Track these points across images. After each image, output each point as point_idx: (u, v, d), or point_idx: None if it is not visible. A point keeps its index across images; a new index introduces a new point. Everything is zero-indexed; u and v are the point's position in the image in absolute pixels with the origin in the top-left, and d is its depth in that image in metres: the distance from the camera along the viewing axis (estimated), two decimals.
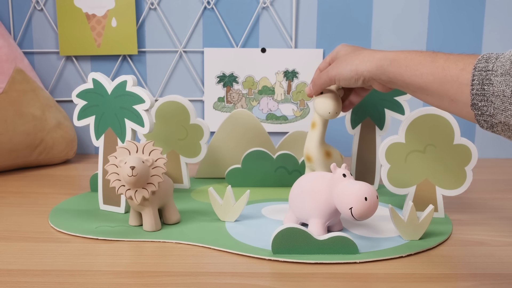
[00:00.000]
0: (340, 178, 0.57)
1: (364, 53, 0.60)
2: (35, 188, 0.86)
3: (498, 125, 0.47)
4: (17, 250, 0.57)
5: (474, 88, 0.47)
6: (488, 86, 0.46)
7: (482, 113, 0.47)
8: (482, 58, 0.47)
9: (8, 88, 0.97)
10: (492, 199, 0.79)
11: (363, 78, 0.59)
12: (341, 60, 0.62)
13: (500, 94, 0.45)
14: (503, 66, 0.45)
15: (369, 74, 0.58)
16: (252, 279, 0.50)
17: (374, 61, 0.57)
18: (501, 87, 0.45)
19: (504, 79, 0.45)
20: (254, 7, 1.10)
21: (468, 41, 1.10)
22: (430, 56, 0.52)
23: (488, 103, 0.46)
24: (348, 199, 0.54)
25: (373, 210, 0.54)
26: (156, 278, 0.50)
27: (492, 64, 0.46)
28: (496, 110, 0.46)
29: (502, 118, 0.45)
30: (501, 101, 0.45)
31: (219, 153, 0.90)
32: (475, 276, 0.51)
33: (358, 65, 0.59)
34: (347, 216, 0.55)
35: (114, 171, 0.61)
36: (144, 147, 0.61)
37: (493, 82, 0.45)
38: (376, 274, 0.52)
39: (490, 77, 0.46)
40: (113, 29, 1.10)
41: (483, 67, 0.47)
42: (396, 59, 0.55)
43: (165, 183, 0.64)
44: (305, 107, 1.13)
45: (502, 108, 0.45)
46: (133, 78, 0.68)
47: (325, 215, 0.59)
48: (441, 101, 0.52)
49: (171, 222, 0.66)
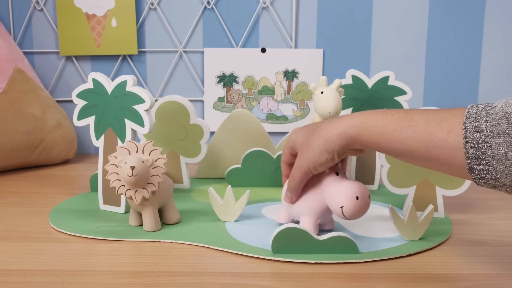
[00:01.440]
0: (332, 176, 0.57)
1: (324, 129, 0.54)
2: (35, 188, 0.86)
3: (502, 187, 0.44)
4: (17, 250, 0.57)
5: (469, 152, 0.43)
6: (486, 149, 0.43)
7: (483, 176, 0.44)
8: (470, 115, 0.44)
9: (8, 88, 0.97)
10: (492, 199, 0.79)
11: (337, 154, 0.53)
12: (304, 148, 0.56)
13: (502, 157, 0.42)
14: (498, 125, 0.42)
15: (341, 148, 0.53)
16: (252, 279, 0.50)
17: (341, 134, 0.52)
18: (502, 150, 0.42)
19: (503, 141, 0.42)
20: (254, 7, 1.10)
21: (468, 41, 1.10)
22: (405, 119, 0.48)
23: (488, 167, 0.43)
24: (339, 198, 0.54)
25: (365, 210, 0.54)
26: (156, 278, 0.50)
27: (484, 122, 0.43)
28: (499, 174, 0.43)
29: (507, 181, 0.42)
30: (504, 165, 0.42)
31: (219, 153, 0.90)
32: (475, 276, 0.51)
33: (325, 144, 0.53)
34: (338, 215, 0.54)
35: (114, 171, 0.61)
36: (144, 147, 0.61)
37: (491, 145, 0.42)
38: (376, 274, 0.52)
39: (486, 139, 0.42)
40: (113, 29, 1.10)
41: (475, 128, 0.43)
42: (366, 127, 0.50)
43: (165, 183, 0.64)
44: (305, 107, 1.13)
45: (506, 172, 0.42)
46: (133, 78, 0.68)
47: (317, 213, 0.58)
48: (430, 164, 0.48)
49: (171, 222, 0.66)
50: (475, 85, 1.12)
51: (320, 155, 0.54)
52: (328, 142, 0.53)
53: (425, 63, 1.11)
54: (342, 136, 0.52)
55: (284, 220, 0.64)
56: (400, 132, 0.48)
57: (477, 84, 1.12)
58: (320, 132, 0.54)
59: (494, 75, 1.11)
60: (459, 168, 0.45)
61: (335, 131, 0.52)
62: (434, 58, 1.11)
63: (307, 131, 0.57)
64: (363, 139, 0.51)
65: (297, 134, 0.59)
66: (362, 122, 0.51)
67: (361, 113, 0.52)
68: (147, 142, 0.61)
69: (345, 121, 0.52)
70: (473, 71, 1.12)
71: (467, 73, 1.12)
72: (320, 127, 0.55)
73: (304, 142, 0.56)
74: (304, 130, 0.58)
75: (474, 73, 1.12)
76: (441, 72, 1.12)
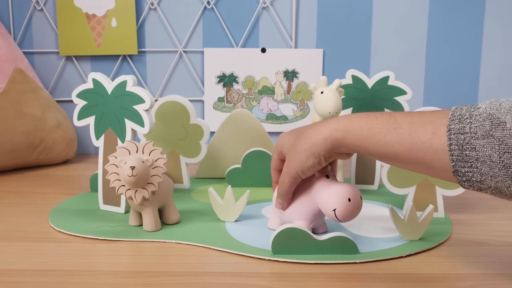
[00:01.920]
0: (323, 179, 0.57)
1: (309, 134, 0.53)
2: (35, 188, 0.86)
3: (487, 189, 0.43)
4: (17, 250, 0.57)
5: (454, 154, 0.43)
6: (470, 151, 0.42)
7: (468, 179, 0.43)
8: (454, 117, 0.44)
9: (8, 88, 0.97)
10: (492, 199, 0.79)
11: (324, 158, 0.53)
12: (291, 153, 0.55)
13: (487, 159, 0.41)
14: (482, 126, 0.41)
15: (327, 152, 0.52)
16: (252, 279, 0.50)
17: (326, 138, 0.51)
18: (487, 152, 0.41)
19: (487, 142, 0.41)
20: (254, 7, 1.10)
21: (468, 41, 1.10)
22: (389, 122, 0.48)
23: (473, 169, 0.43)
24: (332, 201, 0.53)
25: (357, 211, 0.54)
26: (156, 278, 0.50)
27: (468, 124, 0.42)
28: (484, 176, 0.42)
29: (492, 183, 0.42)
30: (488, 167, 0.41)
31: (219, 153, 0.90)
32: (475, 276, 0.51)
33: (311, 148, 0.52)
34: (331, 218, 0.54)
35: (114, 171, 0.61)
36: (144, 147, 0.61)
37: (475, 147, 0.42)
38: (376, 274, 0.52)
39: (470, 141, 0.42)
40: (113, 29, 1.10)
41: (459, 130, 0.43)
42: (351, 130, 0.50)
43: (165, 183, 0.64)
44: (305, 107, 1.13)
45: (490, 174, 0.42)
46: (133, 78, 0.68)
47: (309, 218, 0.58)
48: (415, 167, 0.48)
49: (171, 222, 0.66)
50: (475, 85, 1.12)
51: (307, 160, 0.53)
52: (314, 146, 0.52)
53: (425, 63, 1.11)
54: (328, 140, 0.51)
55: (276, 226, 0.63)
56: (385, 135, 0.48)
57: (477, 84, 1.12)
58: (306, 136, 0.53)
59: (494, 75, 1.11)
60: (444, 171, 0.45)
61: (320, 135, 0.52)
62: (434, 58, 1.11)
63: (294, 135, 0.57)
64: (348, 143, 0.50)
65: (284, 138, 0.58)
66: (347, 125, 0.50)
67: (346, 116, 0.52)
68: (147, 142, 0.61)
69: (330, 125, 0.52)
70: (473, 71, 1.12)
71: (467, 73, 1.12)
72: (306, 131, 0.54)
73: (291, 147, 0.56)
74: (291, 134, 0.58)
75: (474, 73, 1.12)
76: (441, 72, 1.12)
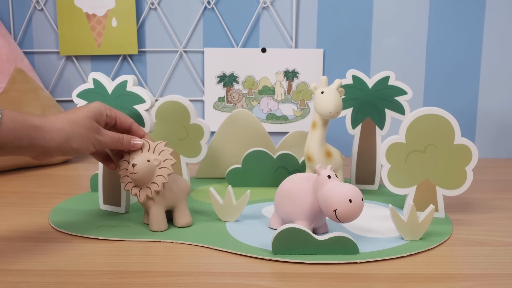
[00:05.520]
0: (325, 179, 0.56)
1: None
2: (35, 188, 0.86)
3: None
4: (17, 250, 0.57)
5: None
6: None
7: None
8: None
9: (8, 88, 0.97)
10: (492, 199, 0.79)
11: None
12: None
13: None
14: None
15: None
16: (252, 279, 0.50)
17: None
18: None
19: None
20: (254, 7, 1.10)
21: (468, 41, 1.10)
22: None
23: None
24: (333, 201, 0.54)
25: (358, 212, 0.54)
26: (156, 278, 0.50)
27: None
28: None
29: None
30: None
31: (219, 153, 0.90)
32: (475, 276, 0.51)
33: None
34: (331, 218, 0.54)
35: (125, 167, 0.62)
36: (156, 147, 0.62)
37: None
38: (376, 274, 0.52)
39: None
40: (113, 29, 1.10)
41: None
42: None
43: (177, 185, 0.64)
44: (305, 107, 1.13)
45: None
46: (134, 78, 0.68)
47: (310, 217, 0.58)
48: None
49: (180, 225, 0.64)
50: (475, 85, 1.12)
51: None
52: None
53: (425, 63, 1.11)
54: None
55: (277, 226, 0.63)
56: None
57: (477, 84, 1.12)
58: None
59: (494, 75, 1.11)
60: None
61: None
62: (434, 58, 1.11)
63: None
64: None
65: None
66: None
67: None
68: (159, 142, 0.63)
69: None
70: (473, 71, 1.12)
71: (467, 73, 1.12)
72: None
73: None
74: None
75: (474, 73, 1.12)
76: (441, 72, 1.12)
